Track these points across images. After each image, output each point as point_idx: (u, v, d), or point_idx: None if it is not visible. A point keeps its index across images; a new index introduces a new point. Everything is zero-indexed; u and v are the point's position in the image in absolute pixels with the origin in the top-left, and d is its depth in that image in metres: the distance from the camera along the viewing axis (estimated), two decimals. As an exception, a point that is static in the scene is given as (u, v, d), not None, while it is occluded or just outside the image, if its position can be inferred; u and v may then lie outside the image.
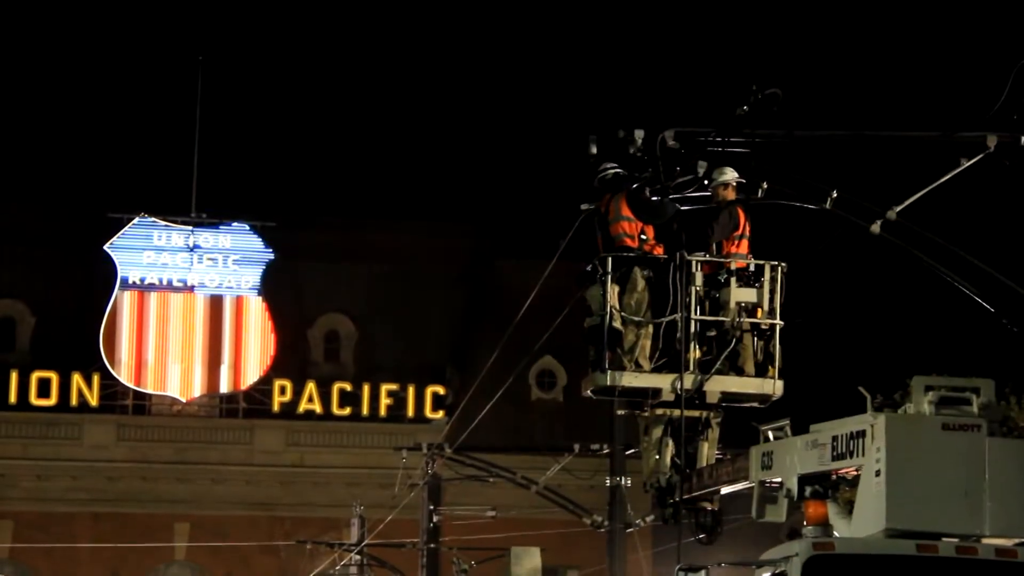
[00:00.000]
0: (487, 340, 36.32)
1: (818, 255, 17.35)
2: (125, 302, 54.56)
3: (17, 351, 54.93)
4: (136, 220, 54.79)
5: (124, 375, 54.14)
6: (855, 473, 13.65)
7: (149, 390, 54.55)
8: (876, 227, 16.24)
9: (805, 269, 17.63)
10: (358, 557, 43.52)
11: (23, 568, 52.17)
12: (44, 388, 53.21)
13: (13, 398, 52.98)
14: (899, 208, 16.06)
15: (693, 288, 17.02)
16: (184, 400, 54.78)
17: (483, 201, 60.53)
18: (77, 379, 53.31)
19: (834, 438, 13.86)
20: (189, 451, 54.08)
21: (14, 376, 53.05)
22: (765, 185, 17.07)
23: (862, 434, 13.40)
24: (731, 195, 17.58)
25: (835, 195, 16.39)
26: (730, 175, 17.47)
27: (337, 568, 45.35)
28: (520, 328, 23.31)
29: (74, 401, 53.32)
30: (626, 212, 17.39)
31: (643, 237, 17.41)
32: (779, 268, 17.26)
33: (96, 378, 53.44)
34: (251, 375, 54.92)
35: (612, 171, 17.62)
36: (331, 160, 68.77)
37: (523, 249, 50.32)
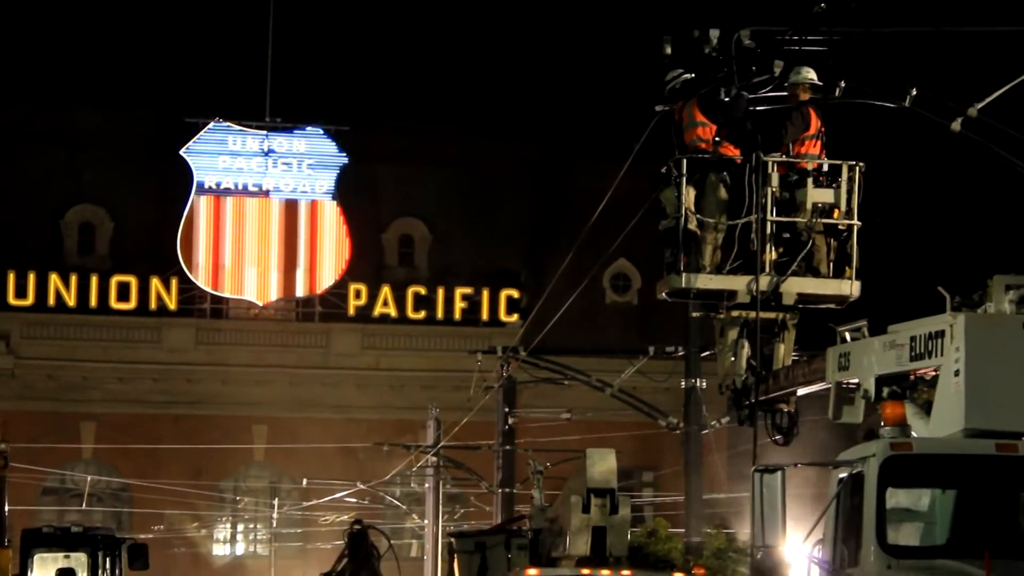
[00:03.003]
0: (561, 243, 36.28)
1: (897, 154, 17.14)
2: (201, 207, 54.95)
3: (96, 255, 55.54)
4: (211, 125, 55.02)
5: (201, 279, 54.66)
6: (933, 373, 13.56)
7: (226, 294, 55.06)
8: (957, 125, 16.01)
9: (884, 168, 17.42)
10: (434, 459, 43.88)
11: (107, 468, 53.07)
12: (123, 292, 53.83)
13: (93, 302, 53.65)
14: (980, 105, 15.82)
15: (769, 189, 16.88)
16: (261, 304, 55.27)
17: (557, 103, 60.16)
18: (155, 283, 53.88)
19: (912, 338, 13.76)
20: (266, 354, 54.62)
21: (94, 280, 53.69)
22: (843, 84, 16.86)
23: (941, 334, 13.30)
24: (806, 96, 17.37)
25: (914, 93, 16.16)
26: (804, 75, 17.24)
27: (414, 469, 45.77)
28: (594, 231, 23.27)
29: (153, 305, 53.93)
30: (700, 117, 17.25)
31: (717, 140, 17.27)
32: (857, 168, 17.08)
33: (174, 282, 53.98)
34: (326, 279, 55.28)
35: (681, 78, 17.46)
36: (405, 63, 68.52)
37: (597, 151, 50.04)
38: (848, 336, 15.15)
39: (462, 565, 24.17)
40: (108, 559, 27.89)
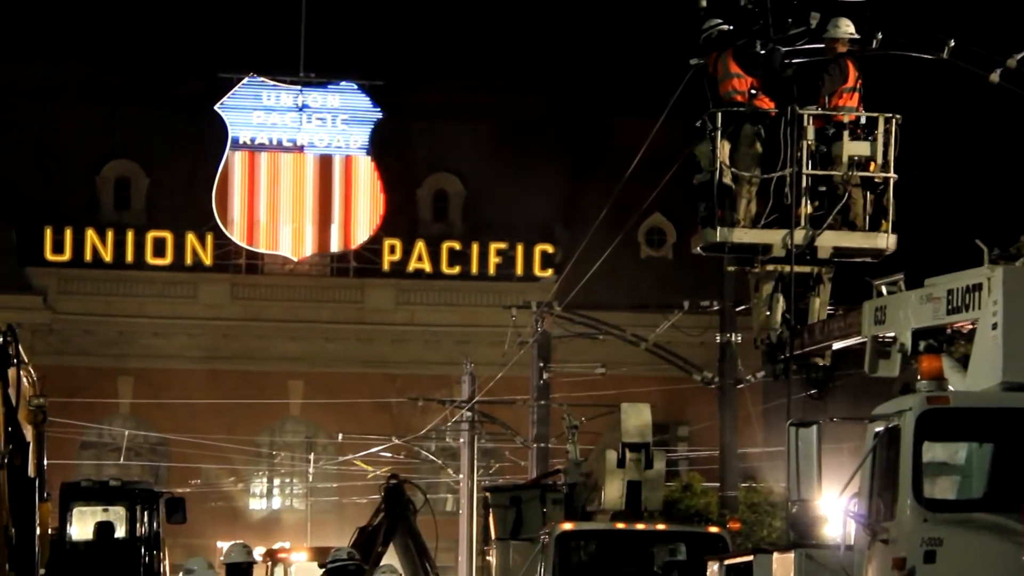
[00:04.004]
0: (596, 198, 36.22)
1: (935, 106, 17.04)
2: (236, 162, 55.04)
3: (132, 211, 55.73)
4: (246, 80, 55.03)
5: (237, 234, 54.80)
6: (971, 327, 13.51)
7: (261, 249, 55.21)
8: (995, 76, 15.90)
9: (921, 121, 17.32)
10: (469, 414, 43.98)
11: (144, 422, 53.39)
12: (159, 248, 54.02)
13: (129, 257, 53.87)
14: (1019, 56, 15.69)
15: (804, 142, 16.82)
16: (296, 259, 55.40)
17: (592, 57, 59.86)
18: (191, 239, 54.05)
19: (949, 292, 13.71)
20: (301, 309, 54.79)
21: (130, 236, 53.89)
22: (880, 35, 16.74)
23: (978, 287, 13.24)
24: (843, 49, 17.26)
25: (952, 44, 16.04)
26: (843, 28, 17.12)
27: (449, 424, 45.88)
28: (629, 185, 23.20)
29: (188, 260, 54.11)
30: (735, 69, 17.16)
31: (752, 92, 17.18)
32: (893, 120, 16.98)
33: (209, 237, 54.14)
34: (361, 234, 55.35)
35: (717, 28, 17.36)
36: (439, 18, 68.20)
37: (632, 106, 49.80)
38: (884, 290, 15.09)
39: (497, 519, 24.23)
40: (146, 512, 28.05)
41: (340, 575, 13.77)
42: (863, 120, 17.00)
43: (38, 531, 14.49)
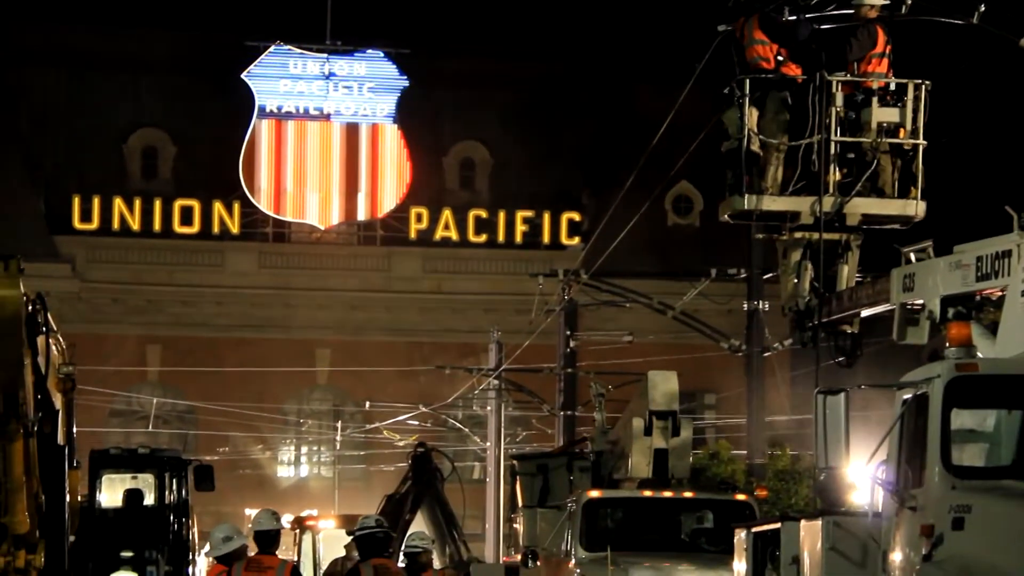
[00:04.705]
0: (623, 166, 36.13)
1: (964, 72, 16.93)
2: (263, 131, 55.07)
3: (159, 180, 55.84)
4: (272, 48, 55.01)
5: (264, 203, 54.88)
6: (1000, 294, 13.46)
7: (288, 218, 55.29)
8: (1025, 42, 15.77)
9: (950, 86, 17.21)
10: (496, 382, 44.02)
11: (172, 390, 53.59)
12: (187, 216, 54.13)
13: (157, 226, 54.01)
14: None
15: (833, 109, 16.74)
16: (323, 228, 55.47)
17: (618, 25, 59.65)
18: (218, 207, 54.14)
19: (979, 258, 13.66)
20: (328, 278, 54.88)
21: (157, 204, 54.01)
22: (909, 1, 16.63)
23: (1008, 254, 13.19)
24: (873, 14, 17.15)
25: (982, 9, 15.94)
26: (876, -6, 17.02)
27: (476, 392, 45.95)
28: (656, 153, 23.15)
29: (216, 229, 54.22)
30: (759, 35, 17.08)
31: (779, 59, 17.09)
32: (923, 86, 16.88)
33: (237, 206, 54.23)
34: (388, 203, 55.37)
35: (746, -8, 17.30)
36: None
37: (659, 74, 49.61)
38: (913, 257, 15.04)
39: (524, 487, 24.29)
40: (175, 480, 28.14)
41: (368, 542, 13.80)
42: (892, 86, 16.91)
43: (68, 498, 14.60)
